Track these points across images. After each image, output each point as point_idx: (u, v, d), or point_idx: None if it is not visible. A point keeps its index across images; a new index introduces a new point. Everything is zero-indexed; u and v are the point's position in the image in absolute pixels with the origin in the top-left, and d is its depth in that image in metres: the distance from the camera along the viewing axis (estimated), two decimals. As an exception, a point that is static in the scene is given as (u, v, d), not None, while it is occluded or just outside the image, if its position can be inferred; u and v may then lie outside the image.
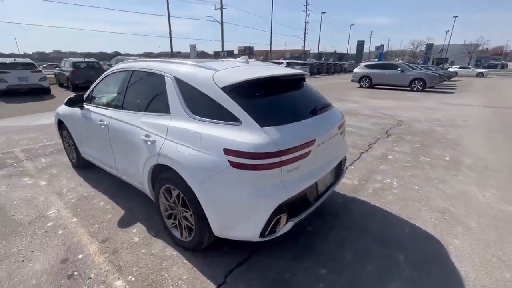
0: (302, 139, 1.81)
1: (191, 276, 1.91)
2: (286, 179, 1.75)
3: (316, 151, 1.97)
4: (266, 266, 2.01)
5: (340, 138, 2.43)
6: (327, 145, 2.13)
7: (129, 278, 1.89)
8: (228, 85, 1.86)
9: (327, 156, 2.20)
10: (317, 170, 2.04)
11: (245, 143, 1.65)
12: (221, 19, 33.68)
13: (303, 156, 1.83)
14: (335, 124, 2.28)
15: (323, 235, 2.39)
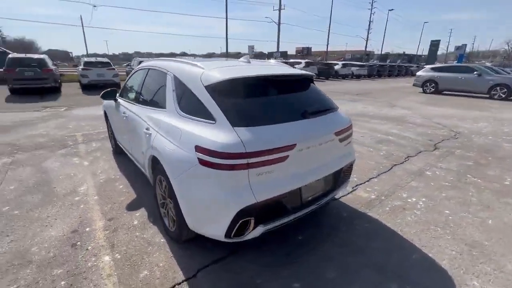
0: (276, 143, 1.73)
1: (167, 265, 2.01)
2: (255, 182, 1.69)
3: (298, 156, 1.85)
4: (240, 268, 1.99)
5: (340, 145, 2.23)
6: (316, 151, 1.98)
7: (116, 256, 2.09)
8: (211, 83, 1.89)
9: (316, 163, 2.04)
10: (300, 176, 1.92)
11: (213, 142, 1.66)
12: (278, 20, 33.91)
13: (278, 161, 1.75)
14: (330, 129, 2.10)
15: (312, 247, 2.23)
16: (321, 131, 2.04)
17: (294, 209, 1.97)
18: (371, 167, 3.97)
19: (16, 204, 2.81)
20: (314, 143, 1.95)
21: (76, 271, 1.93)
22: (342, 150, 2.29)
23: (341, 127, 2.21)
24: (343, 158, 2.29)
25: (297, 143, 1.81)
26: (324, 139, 2.04)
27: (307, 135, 1.91)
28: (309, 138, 1.92)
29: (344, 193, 3.12)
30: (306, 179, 1.95)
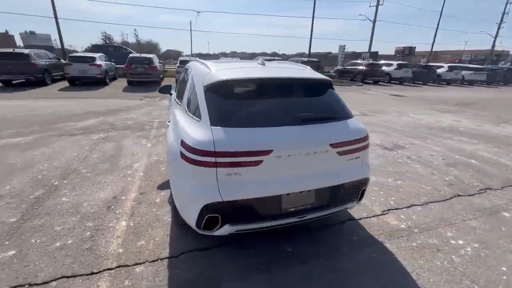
0: (248, 146, 1.72)
1: (161, 241, 2.30)
2: (223, 182, 1.74)
3: (277, 163, 1.79)
4: (217, 261, 2.09)
5: (340, 159, 2.00)
6: (302, 161, 1.86)
7: (130, 223, 2.53)
8: (207, 84, 2.03)
9: (302, 173, 1.91)
10: (279, 184, 1.84)
11: (191, 138, 1.80)
12: (374, 17, 30.85)
13: (249, 164, 1.74)
14: (323, 140, 1.91)
15: (298, 261, 2.10)
16: (309, 140, 1.89)
17: (270, 217, 1.91)
18: (423, 192, 3.29)
19: (92, 169, 3.71)
20: (298, 152, 1.83)
21: (100, 227, 2.45)
22: (343, 165, 2.04)
23: (342, 139, 1.97)
24: (344, 174, 2.04)
25: (273, 150, 1.76)
26: (313, 150, 1.88)
27: (288, 143, 1.82)
28: (290, 146, 1.82)
29: (369, 214, 2.75)
30: (287, 188, 1.86)
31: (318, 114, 2.06)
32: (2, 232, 2.36)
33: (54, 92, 10.56)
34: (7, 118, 6.40)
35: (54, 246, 2.20)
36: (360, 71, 18.62)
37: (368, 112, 8.46)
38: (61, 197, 2.95)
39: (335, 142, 1.95)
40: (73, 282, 1.86)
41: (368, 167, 2.23)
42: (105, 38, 58.87)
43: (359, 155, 2.10)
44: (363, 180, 2.16)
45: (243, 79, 2.05)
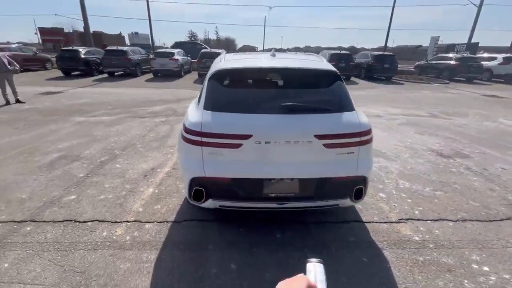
0: (229, 130, 1.87)
1: (172, 208, 2.70)
2: (207, 160, 1.95)
3: (256, 148, 1.89)
4: (210, 232, 2.34)
5: (329, 152, 1.94)
6: (283, 148, 1.90)
7: (156, 190, 3.02)
8: (211, 73, 2.25)
9: (283, 161, 1.96)
10: (259, 168, 1.94)
11: (188, 120, 2.06)
12: (480, 2, 25.26)
13: (230, 146, 1.89)
14: (306, 130, 1.89)
15: (280, 249, 2.16)
16: (289, 129, 1.90)
17: (251, 199, 2.03)
18: (465, 208, 2.79)
19: (145, 145, 4.47)
20: (276, 139, 1.88)
21: (134, 190, 3.02)
22: (331, 159, 1.97)
23: (330, 132, 1.91)
24: (330, 168, 1.97)
25: (253, 135, 1.86)
26: (294, 139, 1.89)
27: (267, 130, 1.88)
28: (269, 133, 1.88)
29: (381, 219, 2.54)
30: (266, 173, 1.94)
31: (306, 105, 2.04)
32: (73, 182, 3.17)
33: (141, 82, 12.68)
34: (104, 101, 8.12)
35: (99, 198, 2.85)
36: (448, 67, 15.74)
37: (439, 114, 7.26)
38: (116, 164, 3.71)
39: (322, 134, 1.91)
40: (101, 225, 2.42)
41: (367, 165, 2.08)
42: (190, 36, 66.03)
43: (353, 151, 1.99)
44: (358, 178, 2.04)
45: (239, 68, 2.20)
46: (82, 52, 14.14)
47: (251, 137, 1.88)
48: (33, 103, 7.71)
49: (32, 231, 2.32)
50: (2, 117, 6.19)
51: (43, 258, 2.02)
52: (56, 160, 3.79)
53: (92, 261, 2.00)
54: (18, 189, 3.00)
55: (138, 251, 2.10)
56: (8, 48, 15.24)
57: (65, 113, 6.56)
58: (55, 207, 2.66)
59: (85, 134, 4.97)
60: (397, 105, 8.33)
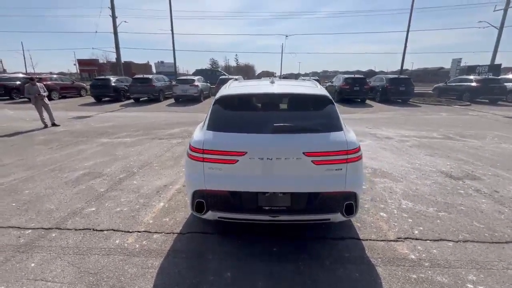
0: (227, 147, 2.11)
1: (179, 220, 2.91)
2: (208, 174, 2.19)
3: (251, 164, 2.11)
4: (210, 244, 2.51)
5: (318, 168, 2.12)
6: (275, 164, 2.10)
7: (166, 205, 3.28)
8: (216, 98, 2.56)
9: (276, 176, 2.15)
10: (253, 182, 2.15)
11: (192, 139, 2.35)
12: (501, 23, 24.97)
13: (227, 162, 2.12)
14: (295, 148, 2.10)
15: (275, 260, 2.28)
16: (279, 147, 2.11)
17: (247, 211, 2.21)
18: (468, 229, 2.75)
19: (161, 164, 4.83)
20: (268, 156, 2.09)
21: (146, 204, 3.30)
22: (320, 174, 2.13)
23: (317, 150, 2.09)
24: (320, 183, 2.13)
25: (247, 152, 2.09)
26: (284, 156, 2.09)
27: (259, 147, 2.10)
28: (261, 150, 2.09)
29: (379, 237, 2.58)
30: (260, 187, 2.13)
31: (295, 125, 2.25)
32: (94, 196, 3.52)
33: (162, 107, 13.58)
34: (128, 124, 8.81)
35: (115, 210, 3.14)
36: (468, 88, 15.41)
37: (455, 136, 7.11)
38: (133, 180, 4.05)
39: (310, 152, 2.10)
40: (115, 233, 2.68)
41: (357, 182, 2.21)
42: (212, 64, 69.93)
43: (341, 167, 2.14)
44: (346, 193, 2.16)
45: (239, 94, 2.50)
46: (112, 80, 15.56)
47: (246, 153, 2.11)
48: (67, 126, 8.54)
49: (56, 237, 2.62)
50: (40, 138, 6.93)
51: (63, 260, 2.28)
52: (81, 176, 4.21)
53: (104, 264, 2.23)
54: (47, 201, 3.38)
55: (145, 258, 2.31)
56: (50, 77, 17.11)
57: (92, 135, 7.22)
58: (77, 217, 2.98)
59: (108, 154, 5.46)
60: (410, 127, 8.27)
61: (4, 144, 6.32)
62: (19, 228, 2.78)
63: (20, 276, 2.10)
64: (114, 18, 21.67)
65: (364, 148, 2.74)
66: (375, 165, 4.74)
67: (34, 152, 5.60)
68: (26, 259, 2.29)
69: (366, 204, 3.28)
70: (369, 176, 4.18)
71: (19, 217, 2.99)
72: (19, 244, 2.50)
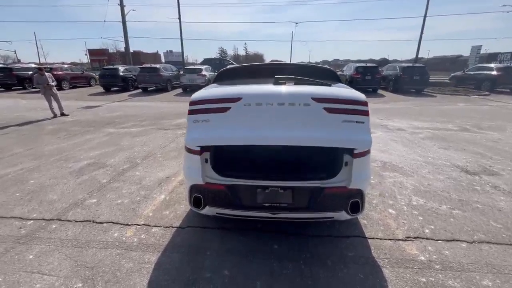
0: (218, 95, 1.96)
1: (180, 214, 2.85)
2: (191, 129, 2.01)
3: (246, 112, 1.83)
4: (210, 239, 2.44)
5: (330, 118, 1.77)
6: (276, 111, 1.80)
7: (167, 198, 3.22)
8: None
9: (278, 123, 1.82)
10: (249, 135, 1.84)
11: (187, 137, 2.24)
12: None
13: (217, 110, 1.89)
14: (301, 93, 1.87)
15: (275, 259, 2.19)
16: (284, 92, 1.87)
17: (247, 207, 2.10)
18: (484, 229, 2.57)
19: (165, 155, 4.78)
20: (269, 101, 1.80)
21: (147, 196, 3.25)
22: (336, 126, 1.79)
23: (329, 96, 1.83)
24: (337, 136, 1.77)
25: (242, 97, 1.82)
26: (290, 101, 1.80)
27: (258, 92, 1.88)
28: (261, 94, 1.85)
29: (386, 236, 2.44)
30: (258, 138, 1.83)
31: (302, 78, 2.09)
32: (96, 187, 3.50)
33: (170, 97, 13.54)
34: (135, 114, 8.81)
35: (116, 202, 3.11)
36: (488, 77, 14.61)
37: (472, 128, 6.74)
38: (136, 172, 4.02)
39: (320, 97, 1.79)
40: (114, 226, 2.64)
41: (363, 177, 2.05)
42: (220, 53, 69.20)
43: (364, 120, 1.81)
44: (352, 190, 2.02)
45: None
46: (120, 70, 15.58)
47: (241, 99, 1.81)
48: (75, 116, 8.63)
49: (56, 228, 2.61)
50: (49, 128, 7.02)
51: (61, 253, 2.27)
52: (85, 166, 4.22)
53: (101, 258, 2.19)
54: (51, 191, 3.39)
55: (142, 252, 2.26)
56: (60, 68, 17.32)
57: (99, 125, 7.25)
58: (78, 209, 2.97)
59: (114, 144, 5.45)
60: (424, 119, 7.90)
61: (17, 133, 6.43)
62: (21, 218, 2.79)
63: (17, 268, 2.10)
64: (122, 6, 21.55)
65: (374, 140, 2.56)
66: (385, 158, 4.53)
67: (42, 142, 5.67)
68: (25, 251, 2.29)
69: (373, 199, 3.13)
70: (378, 170, 4.00)
71: (22, 207, 3.01)
72: (20, 235, 2.50)
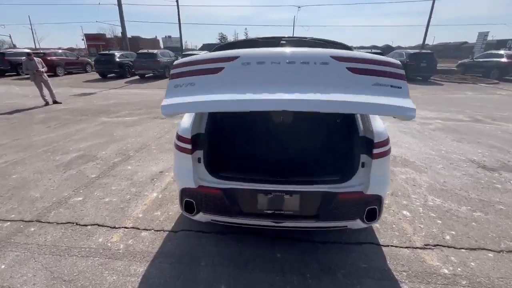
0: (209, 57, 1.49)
1: (173, 216, 2.59)
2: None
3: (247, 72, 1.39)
4: (204, 245, 2.18)
5: (356, 77, 1.34)
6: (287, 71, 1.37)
7: (159, 196, 2.95)
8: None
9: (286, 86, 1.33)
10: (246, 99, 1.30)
11: (180, 126, 1.93)
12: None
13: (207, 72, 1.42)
14: (314, 50, 1.52)
15: (278, 269, 1.93)
16: (295, 50, 1.50)
17: (246, 214, 1.82)
18: (511, 235, 2.30)
19: (159, 147, 4.48)
20: (275, 59, 1.39)
21: (138, 194, 2.98)
22: (366, 89, 1.31)
23: (353, 55, 1.43)
24: (370, 100, 1.26)
25: (240, 56, 1.41)
26: (303, 59, 1.38)
27: (260, 50, 1.49)
28: (263, 53, 1.45)
29: (403, 243, 2.18)
30: (268, 99, 1.27)
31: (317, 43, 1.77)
32: (83, 183, 3.22)
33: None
34: (131, 102, 8.45)
35: (103, 201, 2.84)
36: (497, 65, 14.06)
37: (484, 118, 6.40)
38: (128, 166, 3.73)
39: (341, 55, 1.39)
40: (100, 229, 2.38)
41: (382, 182, 1.76)
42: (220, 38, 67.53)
43: (401, 85, 1.35)
44: (370, 196, 1.73)
45: None
46: (117, 55, 15.02)
47: (237, 58, 1.40)
48: (68, 103, 8.26)
49: (35, 232, 2.35)
50: (40, 116, 6.69)
51: (37, 262, 2.01)
52: (74, 159, 3.93)
53: (81, 269, 1.94)
54: (33, 188, 3.11)
55: (128, 262, 2.01)
56: (54, 53, 16.72)
57: (93, 113, 6.91)
58: (61, 208, 2.70)
59: (106, 134, 5.14)
60: (433, 108, 7.53)
61: (5, 122, 6.11)
62: (-3, 219, 2.53)
63: (-15, 281, 1.85)
64: (117, -12, 20.57)
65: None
66: (394, 151, 4.22)
67: (31, 132, 5.36)
68: (-2, 259, 2.04)
69: (386, 199, 2.85)
70: (388, 165, 3.71)
71: (0, 206, 2.74)
72: (-7, 240, 2.25)
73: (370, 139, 1.73)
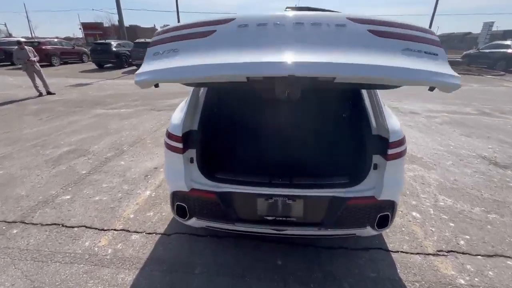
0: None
1: (166, 217, 2.42)
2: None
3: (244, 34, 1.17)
4: (199, 250, 2.02)
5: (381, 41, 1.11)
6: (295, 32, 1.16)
7: (153, 194, 2.77)
8: None
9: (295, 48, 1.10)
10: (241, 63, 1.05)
11: (171, 123, 1.73)
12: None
13: (195, 36, 1.19)
14: (328, 14, 1.32)
15: (279, 278, 1.77)
16: (301, 12, 1.30)
17: (244, 220, 1.64)
18: (530, 240, 2.14)
19: (154, 141, 4.28)
20: (279, 20, 1.19)
21: (130, 192, 2.80)
22: (395, 55, 1.08)
23: (373, 18, 1.19)
24: (403, 65, 1.03)
25: (236, 18, 1.21)
26: (314, 21, 1.18)
27: (261, 15, 1.24)
28: (264, 16, 1.22)
29: (413, 249, 2.01)
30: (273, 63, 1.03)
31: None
32: (73, 180, 3.05)
33: (166, 74, 12.77)
34: (127, 93, 8.20)
35: (93, 199, 2.67)
36: (504, 56, 13.70)
37: (492, 111, 6.18)
38: (121, 161, 3.54)
39: (359, 18, 1.18)
40: (87, 232, 2.21)
41: (396, 185, 1.58)
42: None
43: (437, 52, 1.13)
44: (382, 202, 1.54)
45: None
46: (113, 45, 14.62)
47: (233, 20, 1.19)
48: (62, 94, 8.01)
49: (17, 234, 2.18)
50: (33, 108, 6.46)
51: (17, 269, 1.85)
52: (64, 154, 3.74)
53: (64, 278, 1.77)
54: (20, 185, 2.94)
55: (116, 270, 1.84)
56: (49, 42, 16.28)
57: (88, 105, 6.68)
58: (47, 208, 2.53)
59: (100, 127, 4.94)
60: (438, 101, 7.28)
61: (-4, 114, 5.90)
62: (-22, 220, 2.36)
63: (-42, 291, 1.69)
64: (113, -26, 19.85)
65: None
66: (401, 146, 4.03)
67: (22, 124, 5.15)
68: (-26, 266, 1.88)
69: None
70: (395, 161, 3.52)
71: (-18, 205, 2.57)
72: (-28, 244, 2.08)
73: (384, 138, 1.53)
